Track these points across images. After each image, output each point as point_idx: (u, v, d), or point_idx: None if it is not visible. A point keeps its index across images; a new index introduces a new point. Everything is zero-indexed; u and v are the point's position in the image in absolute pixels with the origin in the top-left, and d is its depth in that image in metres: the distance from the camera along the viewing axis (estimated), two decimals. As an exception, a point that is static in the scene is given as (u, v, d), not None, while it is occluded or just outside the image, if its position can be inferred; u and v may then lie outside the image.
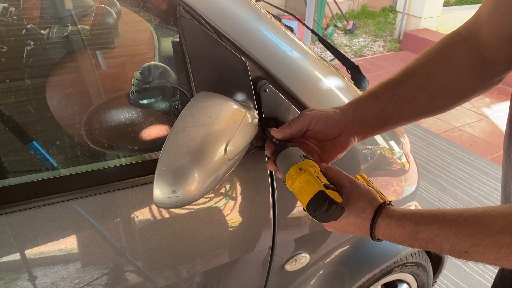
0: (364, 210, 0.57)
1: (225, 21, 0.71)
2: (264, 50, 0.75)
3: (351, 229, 0.60)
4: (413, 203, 1.21)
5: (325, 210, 0.54)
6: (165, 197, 0.53)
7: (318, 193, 0.55)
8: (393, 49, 5.12)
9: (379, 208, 0.57)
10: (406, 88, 0.66)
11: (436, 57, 0.66)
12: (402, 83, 0.67)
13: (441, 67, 0.65)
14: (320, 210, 0.54)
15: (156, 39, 0.88)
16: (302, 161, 0.61)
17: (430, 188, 2.46)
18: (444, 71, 0.65)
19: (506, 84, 4.05)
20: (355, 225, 0.58)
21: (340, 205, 0.55)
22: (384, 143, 1.01)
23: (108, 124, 0.78)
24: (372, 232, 0.57)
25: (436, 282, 1.67)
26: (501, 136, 3.07)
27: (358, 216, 0.58)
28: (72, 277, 0.66)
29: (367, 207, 0.57)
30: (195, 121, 0.56)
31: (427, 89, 0.65)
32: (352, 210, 0.58)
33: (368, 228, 0.57)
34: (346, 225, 0.60)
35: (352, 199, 0.58)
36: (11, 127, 0.69)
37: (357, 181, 0.61)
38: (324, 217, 0.55)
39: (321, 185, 0.56)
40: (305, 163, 0.60)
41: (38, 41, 0.84)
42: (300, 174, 0.59)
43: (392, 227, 0.55)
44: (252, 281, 0.91)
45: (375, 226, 0.56)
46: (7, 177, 0.66)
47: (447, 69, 0.65)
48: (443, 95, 0.66)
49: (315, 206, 0.55)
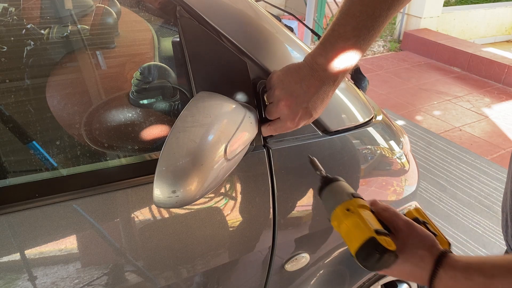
0: (423, 259, 0.52)
1: (225, 21, 0.71)
2: (264, 50, 0.75)
3: (405, 277, 0.55)
4: (413, 203, 1.21)
5: (376, 260, 0.49)
6: (165, 197, 0.53)
7: (369, 240, 0.49)
8: (393, 49, 5.12)
9: (440, 258, 0.52)
10: None
11: None
12: None
13: None
14: (370, 260, 0.49)
15: (156, 39, 0.88)
16: (350, 200, 0.55)
17: (430, 188, 2.46)
18: None
19: (506, 84, 4.05)
20: (411, 274, 0.54)
21: (394, 253, 0.50)
22: (384, 143, 1.01)
23: (108, 124, 0.78)
24: (431, 284, 0.51)
25: (436, 282, 1.67)
26: (501, 136, 3.08)
27: (415, 266, 0.52)
28: (72, 277, 0.66)
29: (426, 255, 0.52)
30: (195, 121, 0.56)
31: None
32: (409, 258, 0.53)
33: (427, 279, 0.52)
34: (400, 273, 0.55)
35: (408, 246, 0.53)
36: (11, 127, 0.69)
37: (414, 224, 0.56)
38: (375, 266, 0.50)
39: (371, 230, 0.50)
40: (354, 203, 0.55)
41: (38, 41, 0.84)
42: (348, 216, 0.53)
43: (458, 279, 0.50)
44: (252, 281, 0.91)
45: (436, 278, 0.51)
46: (7, 177, 0.66)
47: None
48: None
49: (364, 254, 0.50)
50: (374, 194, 1.01)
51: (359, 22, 0.58)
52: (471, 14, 5.63)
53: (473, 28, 5.75)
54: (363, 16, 0.58)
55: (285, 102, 0.63)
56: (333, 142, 0.87)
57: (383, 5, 0.58)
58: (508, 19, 5.97)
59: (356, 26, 0.58)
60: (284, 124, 0.65)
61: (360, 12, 0.58)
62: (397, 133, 1.10)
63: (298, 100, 0.62)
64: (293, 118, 0.64)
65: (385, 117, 1.09)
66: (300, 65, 0.63)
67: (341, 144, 0.89)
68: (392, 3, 0.58)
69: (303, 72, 0.62)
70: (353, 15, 0.58)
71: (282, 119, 0.65)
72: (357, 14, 0.58)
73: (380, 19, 0.58)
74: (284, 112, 0.64)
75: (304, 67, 0.63)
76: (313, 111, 0.64)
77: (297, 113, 0.63)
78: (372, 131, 0.97)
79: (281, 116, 0.65)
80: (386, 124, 1.05)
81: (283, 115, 0.64)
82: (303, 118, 0.64)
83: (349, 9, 0.59)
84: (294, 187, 0.84)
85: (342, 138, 0.89)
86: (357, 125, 0.93)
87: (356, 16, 0.58)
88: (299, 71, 0.63)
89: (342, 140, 0.89)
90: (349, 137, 0.90)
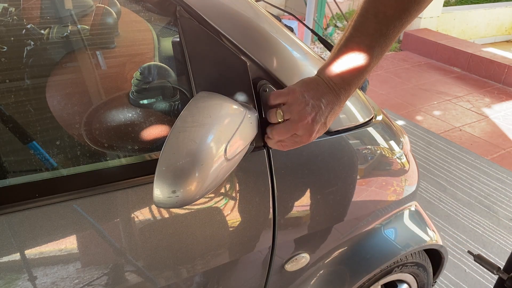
0: None
1: (225, 21, 0.71)
2: (264, 50, 0.75)
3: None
4: (413, 203, 1.21)
5: None
6: (165, 197, 0.53)
7: None
8: (393, 49, 5.12)
9: None
10: None
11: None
12: None
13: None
14: None
15: (156, 39, 0.88)
16: None
17: (430, 188, 2.46)
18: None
19: (506, 84, 4.05)
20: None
21: None
22: (384, 143, 1.01)
23: (108, 124, 0.78)
24: None
25: (436, 282, 1.67)
26: (501, 136, 3.08)
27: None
28: (72, 277, 0.66)
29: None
30: (195, 121, 0.56)
31: None
32: None
33: None
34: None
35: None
36: (11, 127, 0.69)
37: None
38: None
39: None
40: None
41: (38, 41, 0.84)
42: None
43: None
44: (252, 281, 0.91)
45: None
46: (7, 177, 0.66)
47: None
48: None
49: None
50: (374, 194, 1.01)
51: (373, 40, 0.60)
52: (471, 14, 5.63)
53: (473, 28, 5.75)
54: (377, 34, 0.59)
55: (308, 120, 0.62)
56: (333, 142, 0.87)
57: (397, 22, 0.59)
58: (508, 19, 5.97)
59: (370, 44, 0.60)
60: (301, 139, 0.64)
61: (374, 30, 0.59)
62: (397, 133, 1.10)
63: (318, 117, 0.62)
64: (311, 134, 0.63)
65: (385, 117, 1.09)
66: (318, 81, 0.63)
67: (341, 144, 0.89)
68: (406, 19, 0.60)
69: (322, 88, 0.63)
70: (367, 33, 0.60)
71: (300, 135, 0.64)
72: (371, 32, 0.60)
73: (393, 35, 0.60)
74: (306, 129, 0.63)
75: (322, 83, 0.63)
76: (328, 124, 0.65)
77: (315, 129, 0.63)
78: (372, 131, 0.97)
79: (299, 132, 0.64)
80: (386, 124, 1.05)
81: (303, 133, 0.63)
82: (319, 132, 0.64)
83: (363, 26, 0.60)
84: (294, 187, 0.84)
85: (342, 138, 0.89)
86: (357, 125, 0.93)
87: (370, 34, 0.60)
88: (318, 88, 0.63)
89: (342, 140, 0.89)
90: (349, 137, 0.90)
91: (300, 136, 0.64)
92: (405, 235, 1.15)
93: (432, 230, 1.24)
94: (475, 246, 2.04)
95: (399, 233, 1.14)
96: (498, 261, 1.95)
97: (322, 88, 0.63)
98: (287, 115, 0.63)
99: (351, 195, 0.95)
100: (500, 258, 1.96)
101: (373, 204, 1.03)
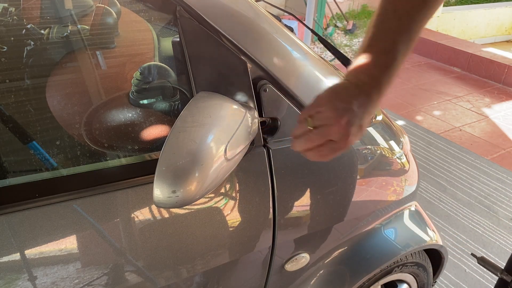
0: None
1: (225, 21, 0.71)
2: (264, 50, 0.75)
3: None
4: (413, 203, 1.21)
5: None
6: (165, 197, 0.53)
7: None
8: (393, 49, 5.11)
9: None
10: None
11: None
12: None
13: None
14: None
15: (156, 39, 0.88)
16: None
17: (430, 188, 2.46)
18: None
19: (506, 84, 4.05)
20: None
21: None
22: (384, 143, 1.01)
23: (108, 124, 0.78)
24: None
25: (436, 282, 1.68)
26: (501, 136, 3.08)
27: None
28: (72, 277, 0.66)
29: None
30: (195, 121, 0.56)
31: None
32: None
33: None
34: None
35: None
36: (11, 127, 0.69)
37: None
38: None
39: None
40: None
41: (38, 41, 0.84)
42: None
43: None
44: (252, 281, 0.91)
45: None
46: (7, 177, 0.66)
47: None
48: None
49: None
50: (374, 194, 1.01)
51: (396, 36, 0.59)
52: (471, 14, 5.63)
53: (473, 28, 5.75)
54: (399, 30, 0.59)
55: (341, 123, 0.60)
56: (333, 142, 0.87)
57: (416, 16, 0.59)
58: (508, 19, 5.97)
59: (394, 40, 0.59)
60: (339, 146, 0.61)
61: (396, 27, 0.59)
62: (397, 133, 1.10)
63: (352, 119, 0.60)
64: (347, 138, 0.61)
65: (385, 117, 1.09)
66: (346, 85, 0.62)
67: (341, 144, 0.89)
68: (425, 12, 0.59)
69: (351, 91, 0.61)
70: (389, 29, 0.60)
71: (336, 140, 0.61)
72: (393, 29, 0.59)
73: (416, 30, 0.60)
74: (341, 133, 0.60)
75: (350, 85, 0.61)
76: (364, 127, 0.63)
77: (351, 132, 0.60)
78: (372, 131, 0.97)
79: (334, 137, 0.61)
80: (386, 124, 1.05)
81: (338, 137, 0.61)
82: (357, 135, 0.62)
83: (384, 24, 0.60)
84: (294, 187, 0.84)
85: (342, 138, 0.88)
86: (357, 125, 0.92)
87: (392, 31, 0.59)
88: (347, 91, 0.61)
89: (342, 140, 0.89)
90: (349, 137, 0.90)
91: (336, 142, 0.61)
92: (405, 235, 1.15)
93: (432, 230, 1.24)
94: (475, 246, 2.04)
95: (399, 233, 1.14)
96: (498, 261, 1.95)
97: (351, 91, 0.61)
98: (317, 121, 0.61)
99: (351, 195, 0.95)
100: (500, 258, 1.97)
101: (373, 204, 1.03)
